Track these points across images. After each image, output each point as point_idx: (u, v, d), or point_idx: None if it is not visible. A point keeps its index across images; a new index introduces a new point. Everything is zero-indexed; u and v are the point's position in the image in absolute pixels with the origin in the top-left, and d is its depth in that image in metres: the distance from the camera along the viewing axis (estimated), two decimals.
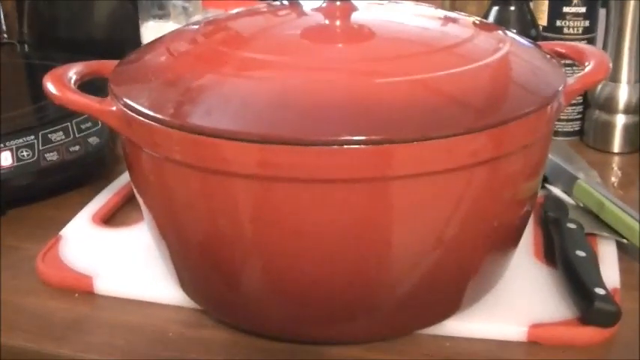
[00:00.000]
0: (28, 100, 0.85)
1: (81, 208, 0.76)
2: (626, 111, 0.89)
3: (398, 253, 0.54)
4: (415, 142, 0.49)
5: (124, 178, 0.80)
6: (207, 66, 0.56)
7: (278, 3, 0.68)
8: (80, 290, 0.65)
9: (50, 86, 0.59)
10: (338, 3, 0.61)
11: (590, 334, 0.58)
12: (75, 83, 0.61)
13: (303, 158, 0.49)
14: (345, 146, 0.49)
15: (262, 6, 0.70)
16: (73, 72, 0.62)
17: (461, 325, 0.59)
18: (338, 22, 0.60)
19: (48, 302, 0.64)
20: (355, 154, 0.49)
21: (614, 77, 0.89)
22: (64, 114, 0.79)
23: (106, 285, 0.65)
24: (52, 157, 0.78)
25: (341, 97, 0.51)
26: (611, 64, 0.64)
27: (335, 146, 0.49)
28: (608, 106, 0.89)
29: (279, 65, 0.55)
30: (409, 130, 0.50)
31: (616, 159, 0.89)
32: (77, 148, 0.80)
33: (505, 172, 0.55)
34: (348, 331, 0.58)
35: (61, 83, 0.60)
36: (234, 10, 0.68)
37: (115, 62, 0.63)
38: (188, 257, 0.59)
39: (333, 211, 0.51)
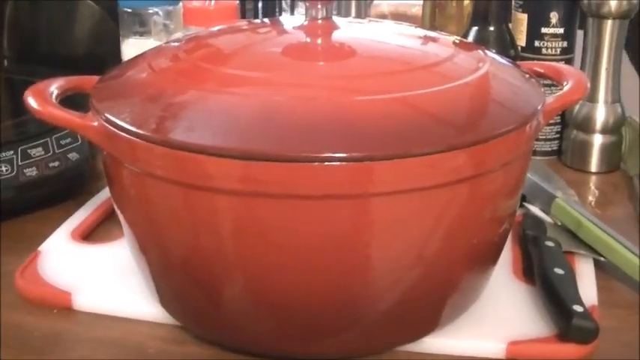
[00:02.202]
0: (7, 115, 0.84)
1: (60, 223, 0.76)
2: (604, 131, 0.90)
3: (378, 269, 0.54)
4: (396, 159, 0.50)
5: (104, 194, 0.80)
6: (189, 82, 0.56)
7: (259, 21, 0.68)
8: (59, 306, 0.65)
9: (31, 101, 0.59)
10: (319, 21, 0.61)
11: (568, 350, 0.58)
12: (56, 98, 0.61)
13: (284, 174, 0.50)
14: (327, 163, 0.49)
15: (243, 23, 0.70)
16: (54, 87, 0.62)
17: (440, 342, 0.59)
18: (319, 40, 0.61)
19: (27, 317, 0.64)
20: (336, 171, 0.49)
21: (592, 97, 0.89)
22: (43, 129, 0.79)
23: (85, 301, 0.64)
24: (31, 172, 0.77)
25: (322, 114, 0.52)
26: (589, 84, 0.64)
27: (316, 163, 0.49)
28: (586, 125, 0.90)
29: (261, 82, 0.56)
30: (390, 147, 0.50)
31: (594, 178, 0.90)
32: (57, 163, 0.79)
33: (485, 189, 0.55)
34: (328, 347, 0.58)
35: (43, 98, 0.60)
36: (216, 27, 0.68)
37: (97, 78, 0.63)
38: (169, 273, 0.59)
39: (314, 227, 0.52)
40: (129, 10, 0.91)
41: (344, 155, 0.49)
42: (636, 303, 0.65)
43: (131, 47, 0.89)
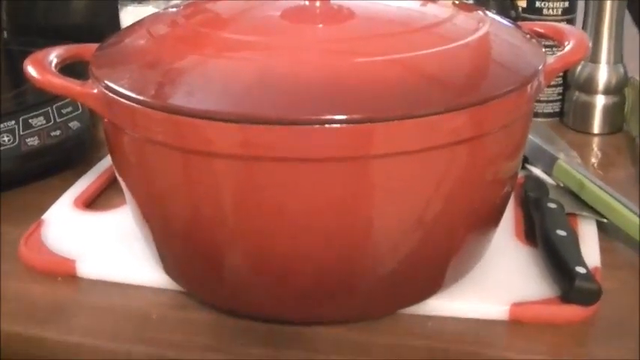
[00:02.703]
0: (8, 86, 0.84)
1: (63, 192, 0.76)
2: (606, 92, 0.90)
3: (379, 232, 0.54)
4: (396, 121, 0.50)
5: (106, 162, 0.80)
6: (188, 47, 0.56)
7: None
8: (63, 274, 0.65)
9: (31, 70, 0.59)
10: None
11: (571, 312, 0.58)
12: (56, 67, 0.61)
13: (284, 137, 0.50)
14: (326, 125, 0.49)
15: None
16: (53, 55, 0.61)
17: (443, 304, 0.60)
18: (317, 3, 0.60)
19: (31, 286, 0.64)
20: (336, 133, 0.49)
21: (594, 58, 0.89)
22: (44, 99, 0.79)
23: (88, 268, 0.65)
24: (33, 141, 0.78)
25: (322, 77, 0.52)
26: (590, 44, 0.64)
27: (316, 125, 0.49)
28: (588, 86, 0.90)
29: (259, 46, 0.55)
30: (389, 109, 0.50)
31: (596, 139, 0.90)
32: (58, 132, 0.79)
33: (485, 151, 0.55)
34: (330, 311, 0.58)
35: (42, 67, 0.60)
36: None
37: (95, 46, 0.63)
38: (171, 239, 0.59)
39: (314, 190, 0.52)
40: None
41: (343, 117, 0.49)
42: (638, 264, 0.65)
43: (129, 15, 0.89)
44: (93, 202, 0.76)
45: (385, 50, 0.54)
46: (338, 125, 0.49)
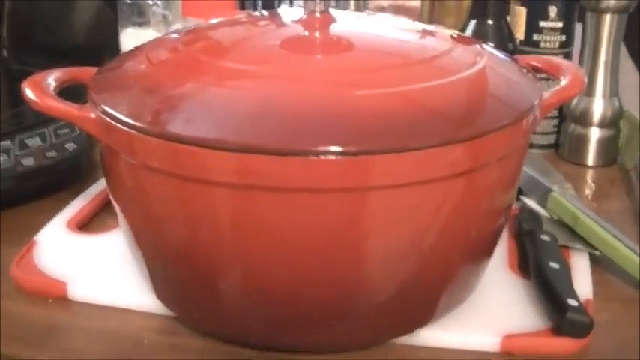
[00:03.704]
0: (6, 105, 0.84)
1: (56, 213, 0.76)
2: (601, 125, 0.90)
3: (374, 263, 0.54)
4: (392, 154, 0.50)
5: (100, 185, 0.80)
6: (187, 74, 0.56)
7: (258, 13, 0.68)
8: (55, 296, 0.65)
9: (29, 92, 0.59)
10: (317, 15, 0.61)
11: (562, 344, 0.59)
12: (54, 89, 0.61)
13: (281, 168, 0.50)
14: (323, 157, 0.49)
15: (242, 16, 0.70)
16: (52, 78, 0.62)
17: (435, 335, 0.60)
18: (317, 34, 0.61)
19: (23, 307, 0.64)
20: (333, 165, 0.49)
21: (590, 91, 0.89)
22: (41, 120, 0.79)
23: (80, 291, 0.65)
24: (28, 162, 0.77)
25: (319, 108, 0.52)
26: (586, 79, 0.64)
27: (312, 156, 0.49)
28: (584, 119, 0.90)
29: (259, 75, 0.56)
30: (386, 142, 0.50)
31: (590, 172, 0.90)
32: (54, 154, 0.79)
33: (481, 183, 0.55)
34: (324, 339, 0.58)
35: (40, 89, 0.60)
36: (215, 20, 0.68)
37: (95, 69, 0.63)
38: (164, 264, 0.59)
39: (310, 220, 0.52)
40: (128, 1, 0.91)
41: (340, 149, 0.49)
42: (631, 298, 0.65)
43: (129, 38, 0.89)
44: (86, 224, 0.76)
45: (383, 82, 0.54)
46: (334, 157, 0.49)
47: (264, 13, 0.68)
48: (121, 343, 0.60)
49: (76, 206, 0.77)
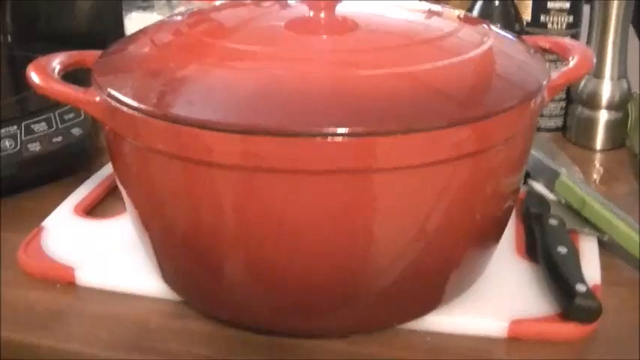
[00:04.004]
0: (10, 91, 0.84)
1: (63, 199, 0.76)
2: (609, 107, 0.89)
3: (380, 245, 0.54)
4: (398, 135, 0.49)
5: (107, 170, 0.80)
6: (191, 56, 0.56)
7: None
8: (62, 281, 0.65)
9: (34, 76, 0.59)
10: None
11: (570, 330, 0.58)
12: (58, 73, 0.60)
13: (285, 149, 0.49)
14: (328, 138, 0.49)
15: None
16: (56, 62, 0.61)
17: (442, 320, 0.59)
18: (322, 14, 0.60)
19: (29, 293, 0.64)
20: (338, 146, 0.49)
21: (598, 73, 0.89)
22: (46, 105, 0.79)
23: (87, 276, 0.65)
24: (34, 147, 0.77)
25: (325, 89, 0.51)
26: (594, 59, 0.64)
27: (318, 137, 0.49)
28: (591, 102, 0.90)
29: (263, 56, 0.55)
30: (392, 123, 0.50)
31: (598, 155, 0.90)
32: (60, 139, 0.79)
33: (488, 165, 0.55)
34: (330, 324, 0.58)
35: (45, 73, 0.59)
36: (218, 2, 0.68)
37: (98, 53, 0.63)
38: (170, 248, 0.59)
39: (315, 202, 0.51)
40: None
41: (346, 130, 0.49)
42: (638, 281, 0.65)
43: (133, 22, 0.89)
44: (93, 209, 0.76)
45: (389, 63, 0.54)
46: (340, 138, 0.49)
47: None
48: (128, 328, 0.60)
49: (83, 191, 0.77)
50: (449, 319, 0.59)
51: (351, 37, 0.59)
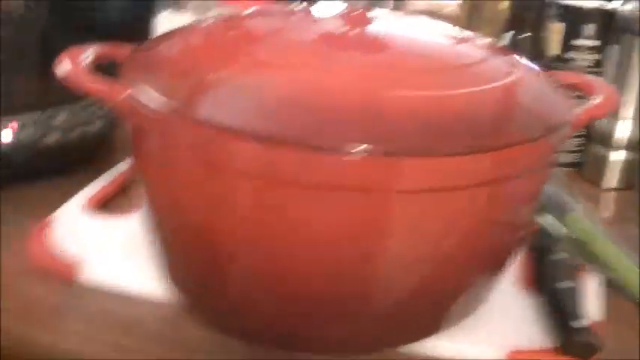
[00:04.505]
0: (35, 79, 0.84)
1: (75, 192, 0.75)
2: (625, 147, 0.90)
3: (390, 265, 0.54)
4: (418, 157, 0.50)
5: (122, 166, 0.80)
6: (221, 61, 0.56)
7: (296, 5, 0.68)
8: (65, 276, 0.64)
9: (63, 66, 0.59)
10: (357, 11, 0.61)
11: None
12: (90, 65, 0.60)
13: (306, 162, 0.50)
14: (349, 154, 0.49)
15: (280, 7, 0.70)
16: (87, 53, 0.61)
17: (441, 346, 0.60)
18: (355, 30, 0.61)
19: (31, 286, 0.63)
20: (358, 164, 0.49)
21: (617, 113, 0.89)
22: (69, 95, 0.79)
23: (92, 273, 0.64)
24: (53, 137, 0.77)
25: (350, 105, 0.52)
26: (619, 100, 0.64)
27: (339, 153, 0.49)
28: (607, 141, 0.90)
29: (292, 67, 0.56)
30: (414, 145, 0.50)
31: (611, 194, 0.90)
32: (80, 130, 0.79)
33: (504, 195, 0.55)
34: (332, 340, 0.58)
35: (75, 64, 0.59)
36: (251, 9, 0.68)
37: (129, 48, 0.63)
38: (182, 247, 0.59)
39: (330, 217, 0.52)
40: None
41: (368, 148, 0.49)
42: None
43: (165, 21, 0.89)
44: (104, 205, 0.75)
45: (416, 85, 0.54)
46: (361, 156, 0.49)
47: (304, 5, 0.68)
48: (127, 329, 0.60)
49: (96, 186, 0.77)
50: (449, 345, 0.60)
51: (382, 56, 0.59)
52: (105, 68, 0.61)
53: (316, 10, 0.66)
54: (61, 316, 0.61)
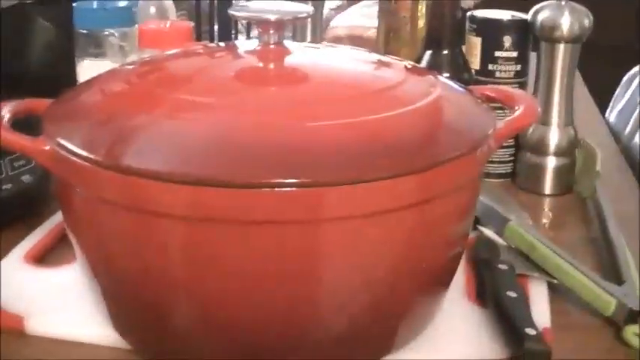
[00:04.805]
0: None
1: (12, 246, 0.75)
2: (557, 153, 0.91)
3: (328, 293, 0.54)
4: (346, 185, 0.50)
5: (57, 218, 0.79)
6: (141, 107, 0.56)
7: (214, 44, 0.69)
8: (11, 329, 0.64)
9: None
10: (272, 46, 0.62)
11: None
12: (8, 121, 0.60)
13: (234, 200, 0.50)
14: (276, 189, 0.49)
15: (198, 47, 0.70)
16: (5, 110, 0.61)
17: None
18: (272, 65, 0.61)
19: None
20: (285, 197, 0.50)
21: (545, 120, 0.90)
22: None
23: (37, 324, 0.64)
24: None
25: (273, 140, 0.52)
26: (539, 109, 0.65)
27: (266, 189, 0.49)
28: (539, 148, 0.91)
29: (212, 107, 0.56)
30: (339, 174, 0.50)
31: (547, 200, 0.91)
32: (9, 186, 0.79)
33: (435, 214, 0.55)
34: None
35: None
36: (171, 51, 0.68)
37: (49, 101, 0.63)
38: (119, 295, 0.59)
39: (263, 252, 0.52)
40: (84, 32, 0.90)
41: (293, 181, 0.49)
42: (589, 326, 0.66)
43: (86, 69, 0.89)
44: (43, 257, 0.75)
45: (337, 114, 0.55)
46: (287, 189, 0.49)
47: (220, 44, 0.68)
48: None
49: (33, 239, 0.76)
50: None
51: (301, 89, 0.60)
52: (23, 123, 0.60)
53: (235, 48, 0.66)
54: None
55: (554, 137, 0.90)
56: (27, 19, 1.00)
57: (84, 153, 0.53)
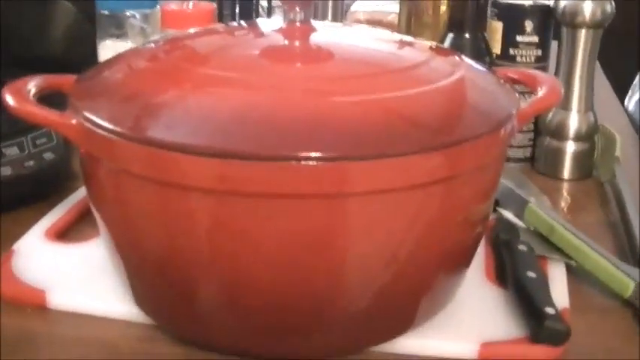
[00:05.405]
0: None
1: (34, 223, 0.75)
2: (576, 138, 0.91)
3: (352, 269, 0.55)
4: (370, 160, 0.50)
5: (79, 194, 0.80)
6: (168, 81, 0.57)
7: (236, 23, 0.69)
8: (33, 305, 0.64)
9: (9, 98, 0.59)
10: (297, 24, 0.62)
11: (539, 352, 0.59)
12: (34, 96, 0.61)
13: (260, 173, 0.50)
14: (302, 162, 0.50)
15: (221, 26, 0.70)
16: (32, 85, 0.61)
17: (413, 343, 0.60)
18: (297, 43, 0.61)
19: (1, 316, 0.63)
20: (311, 170, 0.50)
21: (565, 105, 0.90)
22: (18, 128, 0.79)
23: (59, 299, 0.64)
24: (5, 171, 0.77)
25: (299, 115, 0.52)
26: (562, 90, 0.65)
27: (292, 162, 0.50)
28: (559, 133, 0.91)
29: (238, 82, 0.56)
30: (365, 148, 0.51)
31: (566, 185, 0.91)
32: (32, 163, 0.79)
33: (458, 191, 0.56)
34: (302, 347, 0.58)
35: (21, 96, 0.59)
36: (194, 30, 0.69)
37: (74, 77, 0.63)
38: (143, 271, 0.59)
39: (288, 226, 0.52)
40: (106, 13, 0.91)
41: (319, 155, 0.50)
42: (606, 307, 0.66)
43: (107, 50, 0.89)
44: (65, 233, 0.75)
45: (362, 90, 0.55)
46: (314, 162, 0.50)
47: (243, 23, 0.68)
48: (99, 352, 0.60)
49: (55, 215, 0.77)
50: (421, 342, 0.60)
51: (325, 65, 0.60)
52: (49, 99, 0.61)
53: (258, 26, 0.66)
54: (32, 343, 0.61)
55: (573, 122, 0.91)
56: (49, 1, 1.01)
57: (111, 126, 0.53)
